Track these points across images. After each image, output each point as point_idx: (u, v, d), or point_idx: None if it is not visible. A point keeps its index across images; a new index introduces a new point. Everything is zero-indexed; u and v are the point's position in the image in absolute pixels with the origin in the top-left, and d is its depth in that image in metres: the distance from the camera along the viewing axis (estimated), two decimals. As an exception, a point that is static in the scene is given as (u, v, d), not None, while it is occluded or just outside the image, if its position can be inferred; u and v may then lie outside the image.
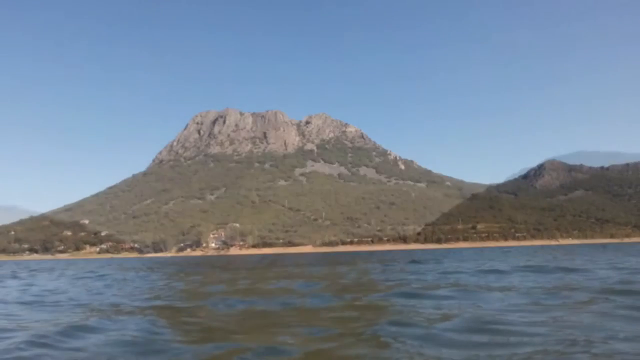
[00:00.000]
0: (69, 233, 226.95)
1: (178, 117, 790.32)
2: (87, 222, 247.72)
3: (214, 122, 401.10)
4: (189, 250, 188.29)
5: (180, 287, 16.12)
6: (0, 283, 21.01)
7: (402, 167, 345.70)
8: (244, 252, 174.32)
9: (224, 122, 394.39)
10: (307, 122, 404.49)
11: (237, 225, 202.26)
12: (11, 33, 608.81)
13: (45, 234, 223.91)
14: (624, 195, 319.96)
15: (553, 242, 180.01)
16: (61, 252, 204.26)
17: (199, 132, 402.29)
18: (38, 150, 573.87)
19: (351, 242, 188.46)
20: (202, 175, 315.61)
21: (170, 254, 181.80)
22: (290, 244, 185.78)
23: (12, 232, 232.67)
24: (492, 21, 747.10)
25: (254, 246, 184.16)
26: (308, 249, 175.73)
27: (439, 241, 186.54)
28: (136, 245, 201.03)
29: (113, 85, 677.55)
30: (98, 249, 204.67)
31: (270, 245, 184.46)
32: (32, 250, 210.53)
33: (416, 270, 21.13)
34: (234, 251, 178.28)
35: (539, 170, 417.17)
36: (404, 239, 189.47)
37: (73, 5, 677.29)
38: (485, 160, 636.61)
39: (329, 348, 5.61)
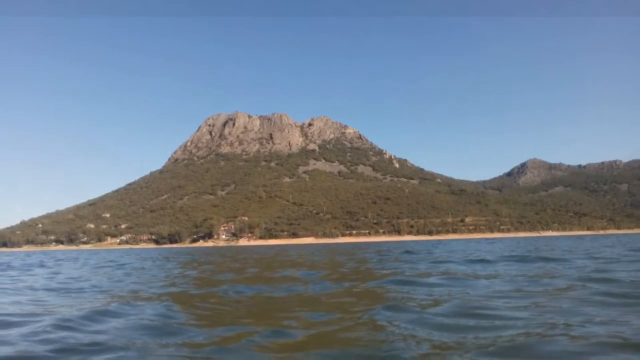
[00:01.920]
0: (92, 225, 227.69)
1: (191, 120, 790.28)
2: (108, 215, 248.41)
3: (224, 124, 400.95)
4: (201, 241, 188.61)
5: (193, 275, 16.15)
6: (29, 271, 21.09)
7: (397, 165, 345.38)
8: (252, 243, 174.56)
9: (234, 124, 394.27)
10: (310, 124, 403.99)
11: (246, 218, 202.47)
12: (36, 39, 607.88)
13: (70, 227, 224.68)
14: (599, 191, 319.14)
15: (535, 234, 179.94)
16: (84, 243, 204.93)
17: (210, 133, 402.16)
18: (62, 151, 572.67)
19: (350, 234, 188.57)
20: (214, 173, 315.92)
21: (185, 244, 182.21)
22: (294, 235, 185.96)
23: (40, 225, 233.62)
24: (482, 30, 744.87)
25: (261, 238, 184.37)
26: (310, 240, 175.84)
27: (430, 233, 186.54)
28: (153, 237, 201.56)
29: (132, 90, 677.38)
30: (118, 240, 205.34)
31: (275, 236, 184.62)
32: (58, 241, 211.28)
33: (409, 260, 21.13)
34: (242, 242, 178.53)
35: (522, 168, 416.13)
36: (398, 231, 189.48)
37: (96, 15, 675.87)
38: (473, 158, 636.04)
39: (330, 331, 5.62)
